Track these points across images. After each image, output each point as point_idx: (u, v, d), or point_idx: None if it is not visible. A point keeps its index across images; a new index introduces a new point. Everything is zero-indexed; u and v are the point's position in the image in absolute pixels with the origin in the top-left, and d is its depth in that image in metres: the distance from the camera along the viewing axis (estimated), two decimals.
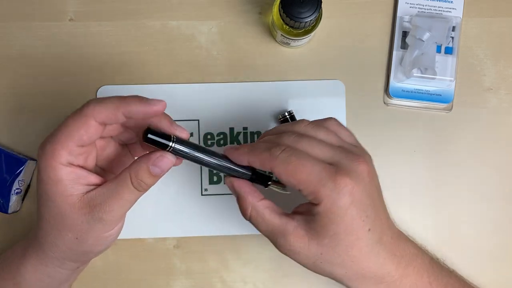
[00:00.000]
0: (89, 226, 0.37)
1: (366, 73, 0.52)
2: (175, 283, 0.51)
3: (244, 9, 0.52)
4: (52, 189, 0.36)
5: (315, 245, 0.37)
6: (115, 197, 0.36)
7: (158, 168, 0.36)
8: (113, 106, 0.36)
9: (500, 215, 0.52)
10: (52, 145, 0.36)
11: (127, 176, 0.36)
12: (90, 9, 0.52)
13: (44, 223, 0.38)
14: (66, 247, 0.38)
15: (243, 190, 0.39)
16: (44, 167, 0.36)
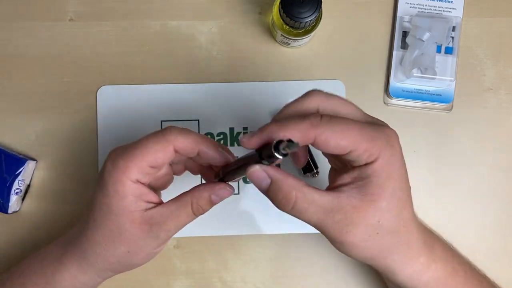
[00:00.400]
0: (144, 242, 0.38)
1: (366, 73, 0.52)
2: (175, 283, 0.51)
3: (244, 9, 0.52)
4: (117, 203, 0.37)
5: (372, 211, 0.34)
6: (174, 218, 0.38)
7: (218, 197, 0.38)
8: (194, 142, 0.38)
9: (500, 215, 0.52)
10: (126, 161, 0.37)
11: (188, 201, 0.38)
12: (90, 9, 0.52)
13: (98, 234, 0.39)
14: (115, 259, 0.39)
15: (280, 174, 0.34)
16: (113, 181, 0.37)
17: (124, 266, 0.40)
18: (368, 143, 0.33)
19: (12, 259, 0.50)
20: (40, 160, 0.51)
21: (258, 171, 0.34)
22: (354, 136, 0.33)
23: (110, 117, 0.51)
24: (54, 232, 0.51)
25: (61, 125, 0.51)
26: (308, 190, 0.34)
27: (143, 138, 0.38)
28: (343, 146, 0.33)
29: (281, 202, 0.35)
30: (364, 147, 0.33)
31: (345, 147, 0.33)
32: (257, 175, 0.34)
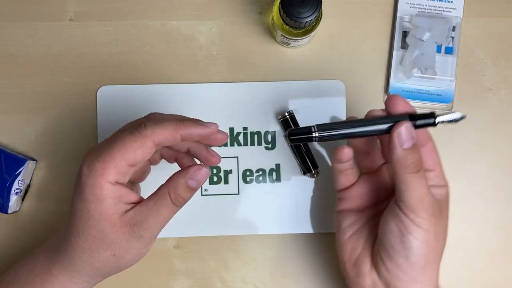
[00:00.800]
0: (128, 244, 0.37)
1: (366, 73, 0.52)
2: (175, 283, 0.51)
3: (244, 9, 0.52)
4: (96, 207, 0.36)
5: (445, 221, 0.41)
6: (154, 214, 0.37)
7: (195, 181, 0.37)
8: (173, 128, 0.37)
9: (500, 215, 0.52)
10: (103, 163, 0.36)
11: (166, 193, 0.37)
12: (90, 9, 0.52)
13: (81, 241, 0.38)
14: (101, 264, 0.38)
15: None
16: (91, 184, 0.36)
17: (113, 269, 0.39)
18: (443, 171, 0.42)
19: (12, 259, 0.50)
20: (40, 160, 0.51)
21: (411, 129, 0.38)
22: (439, 161, 0.41)
23: (110, 117, 0.51)
24: (54, 232, 0.51)
25: (61, 125, 0.51)
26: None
27: (119, 135, 0.37)
28: (436, 163, 0.41)
29: (413, 163, 0.38)
30: (442, 173, 0.41)
31: (436, 164, 0.41)
32: (410, 132, 0.38)
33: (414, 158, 0.38)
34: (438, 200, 0.40)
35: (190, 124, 0.37)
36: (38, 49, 0.52)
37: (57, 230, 0.42)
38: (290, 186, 0.51)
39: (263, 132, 0.52)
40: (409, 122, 0.38)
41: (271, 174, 0.51)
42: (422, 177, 0.38)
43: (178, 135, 0.37)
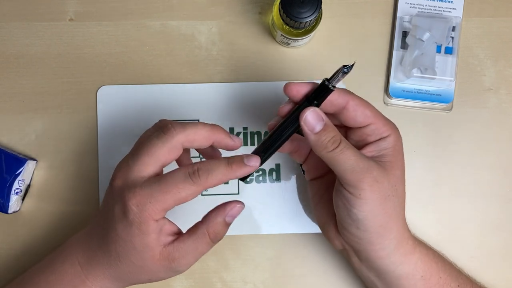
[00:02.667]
0: (164, 275, 0.39)
1: (366, 73, 0.52)
2: (175, 283, 0.51)
3: (244, 9, 0.52)
4: (141, 241, 0.38)
5: (393, 177, 0.39)
6: (193, 252, 0.39)
7: (232, 217, 0.40)
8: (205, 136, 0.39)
9: (500, 214, 0.52)
10: (155, 205, 0.37)
11: (205, 233, 0.39)
12: (90, 9, 0.52)
13: (120, 266, 0.39)
14: (135, 282, 0.41)
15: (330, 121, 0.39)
16: (139, 222, 0.37)
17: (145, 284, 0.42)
18: (384, 120, 0.40)
19: (12, 259, 0.50)
20: (40, 160, 0.51)
21: (315, 112, 0.38)
22: (375, 111, 0.40)
23: (110, 117, 0.51)
24: (54, 232, 0.51)
25: (61, 125, 0.51)
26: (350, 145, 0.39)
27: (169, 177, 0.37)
28: (368, 116, 0.40)
29: (330, 141, 0.38)
30: (382, 123, 0.40)
31: (368, 117, 0.40)
32: (314, 116, 0.38)
33: (329, 136, 0.38)
34: (380, 156, 0.40)
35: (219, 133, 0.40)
36: (38, 49, 0.52)
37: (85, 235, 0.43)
38: (290, 186, 0.51)
39: (263, 132, 0.52)
40: (310, 107, 0.38)
41: (271, 174, 0.51)
42: (344, 150, 0.38)
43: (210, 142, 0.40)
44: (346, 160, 0.38)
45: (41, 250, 0.50)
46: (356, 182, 0.38)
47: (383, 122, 0.40)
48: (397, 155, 0.40)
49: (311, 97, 0.38)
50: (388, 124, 0.41)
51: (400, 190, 0.40)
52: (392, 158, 0.40)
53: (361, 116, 0.40)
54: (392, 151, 0.40)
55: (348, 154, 0.38)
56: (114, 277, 0.40)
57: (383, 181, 0.38)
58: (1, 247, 0.51)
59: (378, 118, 0.40)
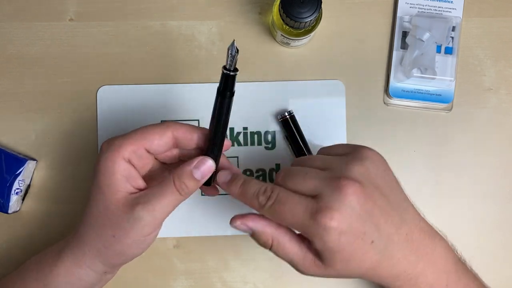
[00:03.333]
0: (128, 225, 0.38)
1: (366, 73, 0.52)
2: (175, 283, 0.51)
3: (244, 9, 0.52)
4: (105, 181, 0.38)
5: (331, 270, 0.37)
6: (158, 197, 0.38)
7: (199, 171, 0.38)
8: (191, 128, 0.40)
9: (500, 214, 0.52)
10: (123, 139, 0.38)
11: (171, 179, 0.38)
12: (90, 9, 0.52)
13: (89, 216, 0.39)
14: (102, 244, 0.39)
15: (260, 223, 0.38)
16: (105, 157, 0.38)
17: (114, 255, 0.40)
18: (301, 228, 0.36)
19: (12, 259, 0.50)
20: (40, 160, 0.51)
21: (240, 226, 0.39)
22: (290, 221, 0.37)
23: (110, 117, 0.51)
24: (54, 232, 0.51)
25: (61, 125, 0.51)
26: (283, 238, 0.38)
27: (144, 126, 0.40)
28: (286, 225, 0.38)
29: (262, 245, 0.39)
30: (300, 230, 0.37)
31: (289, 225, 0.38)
32: (240, 228, 0.39)
33: (259, 239, 0.39)
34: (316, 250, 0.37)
35: (206, 129, 0.40)
36: (38, 49, 0.52)
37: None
38: None
39: (263, 132, 0.52)
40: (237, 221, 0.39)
41: (271, 174, 0.51)
42: (277, 251, 0.38)
43: (194, 135, 0.40)
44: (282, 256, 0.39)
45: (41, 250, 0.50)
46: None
47: (301, 230, 0.38)
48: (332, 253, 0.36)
49: (220, 91, 0.38)
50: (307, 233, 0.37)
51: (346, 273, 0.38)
52: (328, 259, 0.37)
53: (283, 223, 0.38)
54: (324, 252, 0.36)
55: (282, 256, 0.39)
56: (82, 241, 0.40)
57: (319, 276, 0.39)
58: (1, 247, 0.51)
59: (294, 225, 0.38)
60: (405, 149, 0.52)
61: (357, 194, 0.36)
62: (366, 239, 0.36)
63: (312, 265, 0.38)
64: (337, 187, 0.36)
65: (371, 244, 0.36)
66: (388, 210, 0.37)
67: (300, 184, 0.37)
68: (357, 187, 0.36)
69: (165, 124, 0.40)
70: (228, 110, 0.39)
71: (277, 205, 0.37)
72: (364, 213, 0.36)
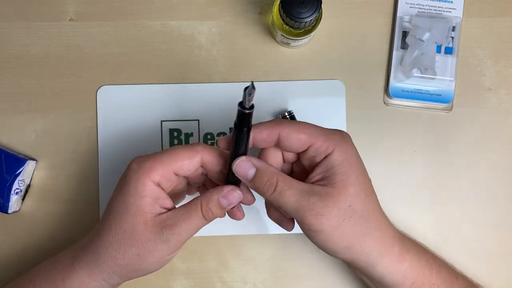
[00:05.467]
0: (154, 246, 0.38)
1: (366, 73, 0.52)
2: (175, 283, 0.51)
3: (244, 9, 0.52)
4: (135, 202, 0.38)
5: (344, 196, 0.38)
6: (185, 221, 0.38)
7: (227, 200, 0.39)
8: (220, 154, 0.40)
9: (500, 214, 0.52)
10: (153, 162, 0.39)
11: (198, 204, 0.39)
12: (90, 9, 0.52)
13: (111, 234, 0.39)
14: (124, 262, 0.39)
15: (263, 163, 0.39)
16: (136, 179, 0.38)
17: (133, 271, 0.40)
18: (325, 136, 0.39)
19: (12, 259, 0.50)
20: (40, 160, 0.51)
21: (244, 161, 0.39)
22: (312, 131, 0.39)
23: (110, 117, 0.51)
24: (54, 232, 0.51)
25: (61, 125, 0.51)
26: (288, 177, 0.39)
27: (171, 147, 0.40)
28: (303, 139, 0.38)
29: (265, 185, 0.38)
30: (322, 140, 0.38)
31: (304, 141, 0.38)
32: (243, 165, 0.39)
33: (263, 182, 0.38)
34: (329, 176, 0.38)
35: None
36: (38, 49, 0.52)
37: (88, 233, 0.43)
38: None
39: None
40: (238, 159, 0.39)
41: None
42: (282, 192, 0.38)
43: (221, 160, 0.40)
44: (286, 202, 0.38)
45: (41, 250, 0.50)
46: (302, 219, 0.38)
47: (323, 139, 0.38)
48: (348, 169, 0.38)
49: (237, 126, 0.37)
50: (331, 139, 0.39)
51: (359, 206, 0.38)
52: (342, 176, 0.38)
53: (296, 143, 0.39)
54: (341, 168, 0.38)
55: (287, 195, 0.38)
56: (101, 257, 0.39)
57: (330, 211, 0.37)
58: (1, 247, 0.51)
59: (317, 137, 0.39)
60: (405, 149, 0.52)
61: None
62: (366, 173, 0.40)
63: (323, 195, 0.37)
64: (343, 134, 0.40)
65: (371, 184, 0.40)
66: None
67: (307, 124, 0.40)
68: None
69: (195, 148, 0.40)
70: (246, 142, 0.38)
71: (294, 121, 0.40)
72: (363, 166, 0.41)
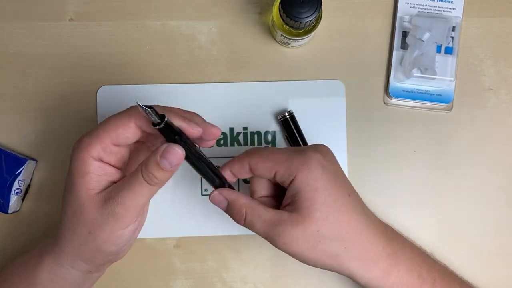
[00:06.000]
0: (102, 220, 0.37)
1: (366, 73, 0.52)
2: (175, 283, 0.51)
3: (244, 9, 0.52)
4: (78, 181, 0.38)
5: (310, 223, 0.38)
6: (127, 189, 0.37)
7: (167, 160, 0.36)
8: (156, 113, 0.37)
9: (500, 214, 0.52)
10: (89, 138, 0.38)
11: (139, 169, 0.37)
12: (90, 9, 0.52)
13: (65, 218, 0.39)
14: (79, 242, 0.39)
15: (234, 196, 0.41)
16: (76, 158, 0.38)
17: (91, 252, 0.39)
18: (287, 163, 0.39)
19: (12, 259, 0.50)
20: (40, 160, 0.51)
21: (217, 196, 0.41)
22: (276, 159, 0.40)
23: None
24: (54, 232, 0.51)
25: (61, 125, 0.51)
26: (257, 207, 0.40)
27: (108, 117, 0.38)
28: (269, 167, 0.40)
29: (236, 217, 0.40)
30: (284, 167, 0.39)
31: (270, 168, 0.39)
32: (217, 199, 0.41)
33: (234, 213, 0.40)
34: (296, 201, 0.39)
35: (175, 115, 0.37)
36: (38, 49, 0.52)
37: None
38: None
39: (263, 132, 0.52)
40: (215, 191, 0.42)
41: None
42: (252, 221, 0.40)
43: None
44: (257, 231, 0.40)
45: None
46: (274, 243, 0.39)
47: (285, 166, 0.39)
48: (313, 194, 0.38)
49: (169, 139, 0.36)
50: (293, 165, 0.39)
51: (327, 230, 0.38)
52: (307, 202, 0.38)
53: (264, 171, 0.40)
54: (304, 193, 0.38)
55: (256, 227, 0.39)
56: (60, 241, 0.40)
57: (297, 238, 0.38)
58: (1, 247, 0.51)
59: (280, 163, 0.39)
60: (405, 149, 0.52)
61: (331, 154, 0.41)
62: (344, 189, 0.39)
63: (288, 223, 0.38)
64: (315, 145, 0.41)
65: (349, 197, 0.39)
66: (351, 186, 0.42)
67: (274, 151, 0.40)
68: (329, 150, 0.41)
69: (127, 113, 0.37)
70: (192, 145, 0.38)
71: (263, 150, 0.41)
72: (339, 168, 0.41)
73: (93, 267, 0.41)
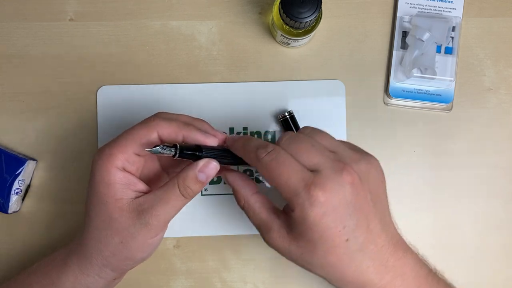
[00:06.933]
0: (135, 230, 0.38)
1: (366, 73, 0.52)
2: (175, 283, 0.51)
3: (244, 9, 0.52)
4: (104, 191, 0.38)
5: (295, 245, 0.37)
6: (162, 202, 0.38)
7: (204, 174, 0.38)
8: (177, 127, 0.39)
9: (500, 214, 0.52)
10: (111, 149, 0.38)
11: (175, 183, 0.38)
12: (90, 9, 0.52)
13: (92, 227, 0.39)
14: (109, 252, 0.39)
15: (237, 183, 0.40)
16: (99, 169, 0.38)
17: (122, 260, 0.40)
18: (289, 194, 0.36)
19: (12, 259, 0.50)
20: (40, 160, 0.51)
21: (223, 175, 0.41)
22: (282, 183, 0.36)
23: (110, 117, 0.51)
24: (54, 232, 0.51)
25: (61, 125, 0.51)
26: (253, 203, 0.40)
27: (129, 128, 0.39)
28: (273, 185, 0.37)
29: (237, 202, 0.41)
30: (286, 196, 0.36)
31: (275, 187, 0.37)
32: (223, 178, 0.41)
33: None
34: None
35: (192, 129, 0.39)
36: (38, 49, 0.52)
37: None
38: None
39: (263, 132, 0.52)
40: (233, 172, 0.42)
41: None
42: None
43: (180, 134, 0.39)
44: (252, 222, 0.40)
45: (41, 250, 0.50)
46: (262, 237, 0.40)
47: (288, 196, 0.36)
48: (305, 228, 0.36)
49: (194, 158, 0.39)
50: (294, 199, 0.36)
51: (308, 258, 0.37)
52: (297, 231, 0.37)
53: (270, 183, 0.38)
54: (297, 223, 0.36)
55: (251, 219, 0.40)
56: (88, 251, 0.40)
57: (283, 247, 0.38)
58: (1, 247, 0.51)
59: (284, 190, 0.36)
60: (405, 149, 0.52)
61: (353, 186, 0.36)
62: (343, 234, 0.36)
63: (277, 234, 0.38)
64: (338, 170, 0.36)
65: (345, 242, 0.36)
66: (372, 216, 0.37)
67: (304, 154, 0.37)
68: (356, 180, 0.36)
69: (149, 124, 0.39)
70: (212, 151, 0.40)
71: (275, 163, 0.36)
72: (352, 207, 0.36)
73: (119, 274, 0.42)
